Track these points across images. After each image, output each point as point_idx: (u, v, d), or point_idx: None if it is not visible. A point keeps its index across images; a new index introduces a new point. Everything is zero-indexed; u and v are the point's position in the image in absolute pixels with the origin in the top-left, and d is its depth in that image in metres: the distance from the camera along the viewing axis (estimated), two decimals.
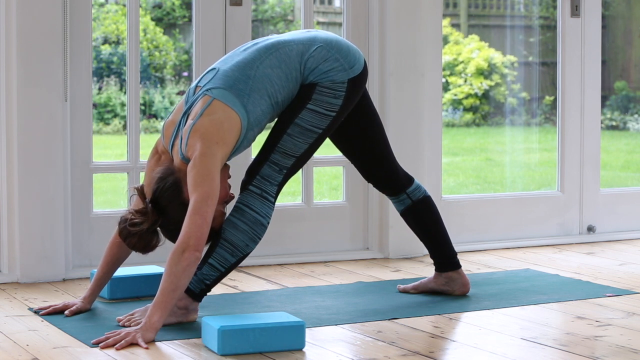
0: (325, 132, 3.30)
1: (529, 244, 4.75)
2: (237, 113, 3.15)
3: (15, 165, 3.84)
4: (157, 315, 3.00)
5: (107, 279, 3.40)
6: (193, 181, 3.06)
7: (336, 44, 3.33)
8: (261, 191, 3.21)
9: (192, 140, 3.12)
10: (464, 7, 10.02)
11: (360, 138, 3.51)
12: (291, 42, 3.29)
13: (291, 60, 3.26)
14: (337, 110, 3.29)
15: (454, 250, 3.67)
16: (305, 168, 4.41)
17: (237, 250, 3.16)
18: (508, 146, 9.48)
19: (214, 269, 3.16)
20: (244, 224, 3.16)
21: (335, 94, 3.28)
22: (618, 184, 7.65)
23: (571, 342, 3.00)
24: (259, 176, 3.22)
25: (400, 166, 3.63)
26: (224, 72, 3.23)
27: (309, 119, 3.25)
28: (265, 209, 3.20)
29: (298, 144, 3.25)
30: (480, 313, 3.40)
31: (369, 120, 3.51)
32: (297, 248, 4.38)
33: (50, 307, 3.33)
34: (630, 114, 9.50)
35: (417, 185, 3.63)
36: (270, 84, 3.22)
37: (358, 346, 2.97)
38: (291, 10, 10.53)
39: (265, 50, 3.26)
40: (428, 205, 3.63)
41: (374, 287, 3.81)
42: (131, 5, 4.09)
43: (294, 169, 3.29)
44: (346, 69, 3.30)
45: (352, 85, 3.31)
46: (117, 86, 10.04)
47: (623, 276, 4.03)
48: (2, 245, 3.91)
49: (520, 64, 9.75)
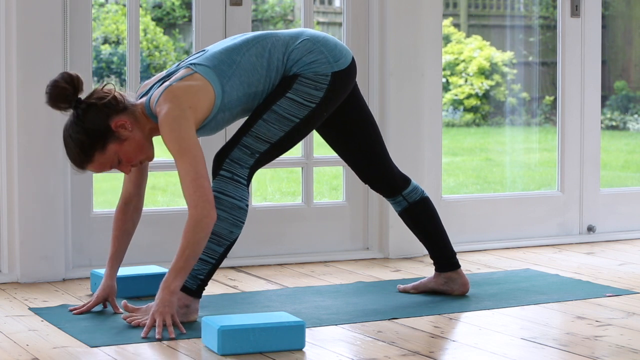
0: (303, 123, 3.27)
1: (529, 244, 4.75)
2: (213, 88, 3.16)
3: (15, 165, 3.85)
4: (177, 281, 3.05)
5: (121, 255, 3.40)
6: (175, 147, 3.06)
7: (323, 38, 3.34)
8: (232, 174, 3.20)
9: (165, 98, 3.12)
10: (464, 7, 10.02)
11: (352, 139, 3.51)
12: (279, 34, 3.33)
13: (276, 49, 3.27)
14: (317, 102, 3.27)
15: (453, 250, 3.67)
16: (305, 168, 4.41)
17: (223, 239, 3.17)
18: (508, 146, 9.49)
19: (205, 263, 3.17)
20: (222, 212, 3.16)
21: (317, 86, 3.27)
22: (618, 184, 7.66)
23: (571, 342, 3.00)
24: (229, 159, 3.20)
25: (397, 168, 3.62)
26: (211, 53, 3.26)
27: (286, 106, 3.24)
28: (239, 192, 3.19)
29: (272, 129, 3.24)
30: (480, 313, 3.40)
31: (361, 120, 3.50)
32: (297, 248, 4.38)
33: (84, 307, 3.35)
34: (630, 114, 9.51)
35: (414, 187, 3.62)
36: (253, 72, 3.24)
37: (358, 346, 2.97)
38: (291, 10, 10.54)
39: (253, 39, 3.29)
40: (425, 207, 3.63)
41: (374, 287, 3.81)
42: (131, 5, 4.09)
43: (268, 155, 3.26)
44: (330, 62, 3.29)
45: (336, 80, 3.30)
46: (117, 86, 10.04)
47: (623, 276, 4.03)
48: (2, 245, 3.91)
49: (520, 64, 9.75)
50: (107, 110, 3.13)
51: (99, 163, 3.14)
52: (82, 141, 3.11)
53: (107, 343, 2.96)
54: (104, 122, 3.12)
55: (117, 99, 3.17)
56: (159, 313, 3.04)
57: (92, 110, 3.12)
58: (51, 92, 3.11)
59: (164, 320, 3.03)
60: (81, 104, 3.13)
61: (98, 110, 3.12)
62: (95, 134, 3.11)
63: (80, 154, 3.12)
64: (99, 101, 3.13)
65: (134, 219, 3.39)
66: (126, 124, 3.14)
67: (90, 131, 3.11)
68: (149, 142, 3.22)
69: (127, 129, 3.14)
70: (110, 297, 3.35)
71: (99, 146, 3.12)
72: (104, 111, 3.12)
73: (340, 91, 3.35)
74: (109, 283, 3.36)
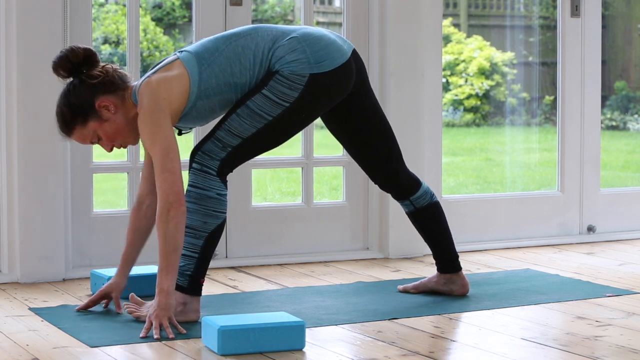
0: (277, 122, 3.22)
1: (529, 244, 4.75)
2: (189, 76, 3.19)
3: (15, 165, 3.85)
4: (168, 281, 3.06)
5: (134, 253, 3.42)
6: (148, 139, 3.14)
7: (313, 37, 3.27)
8: (201, 166, 3.20)
9: (143, 90, 3.19)
10: (464, 7, 10.02)
11: (357, 139, 3.50)
12: (272, 29, 3.31)
13: (264, 43, 3.25)
14: (291, 102, 3.21)
15: (456, 253, 3.66)
16: (305, 168, 4.41)
17: (198, 231, 3.16)
18: (508, 146, 9.49)
19: (189, 258, 3.17)
20: (191, 204, 3.16)
21: (291, 85, 3.22)
22: (618, 184, 7.65)
23: (571, 342, 3.00)
24: (201, 151, 3.21)
25: (407, 171, 3.59)
26: (204, 40, 3.29)
27: (259, 103, 3.22)
28: (207, 182, 3.18)
29: (244, 124, 3.21)
30: (480, 313, 3.40)
31: (367, 122, 3.48)
32: (297, 248, 4.38)
33: (89, 301, 3.39)
34: (630, 114, 9.51)
35: (423, 192, 3.59)
36: (236, 62, 3.23)
37: (358, 346, 2.97)
38: (291, 10, 10.54)
39: (245, 30, 3.29)
40: (433, 213, 3.61)
41: (374, 287, 3.81)
42: (131, 5, 4.09)
43: (242, 150, 3.23)
44: (310, 63, 3.23)
45: (314, 82, 3.23)
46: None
47: (623, 276, 4.03)
48: (2, 245, 3.91)
49: (520, 64, 9.75)
50: (95, 90, 3.21)
51: (78, 135, 3.25)
52: (64, 113, 3.23)
53: (107, 343, 2.96)
54: (88, 99, 3.21)
55: (110, 80, 3.23)
56: (155, 316, 3.05)
57: (81, 87, 3.22)
58: (56, 59, 3.22)
59: (160, 323, 3.04)
60: (76, 77, 3.22)
61: (86, 88, 3.21)
62: (77, 109, 3.21)
63: (62, 124, 3.25)
64: (89, 79, 3.21)
65: (147, 217, 3.39)
66: (109, 106, 3.21)
67: (74, 106, 3.21)
68: (130, 127, 3.25)
69: (110, 110, 3.22)
70: (113, 294, 3.36)
71: (79, 120, 3.22)
72: (91, 90, 3.21)
73: (321, 94, 3.28)
74: (115, 280, 3.38)
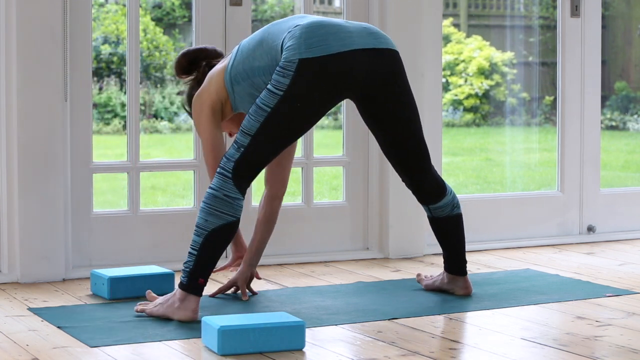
0: (275, 112, 3.19)
1: (529, 244, 4.75)
2: (226, 64, 3.38)
3: (15, 165, 3.84)
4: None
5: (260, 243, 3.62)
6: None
7: (317, 25, 3.23)
8: (221, 169, 3.24)
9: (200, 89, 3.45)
10: (464, 7, 10.02)
11: (386, 143, 3.46)
12: (294, 17, 3.34)
13: (281, 32, 3.27)
14: (284, 89, 3.17)
15: (465, 259, 3.66)
16: (305, 168, 4.41)
17: (200, 228, 3.19)
18: (508, 146, 9.48)
19: (190, 255, 3.21)
20: (202, 203, 3.23)
21: (284, 73, 3.18)
22: (618, 184, 7.65)
23: (571, 342, 3.00)
24: (225, 156, 3.27)
25: (432, 183, 3.53)
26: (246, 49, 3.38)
27: (262, 96, 3.22)
28: (219, 183, 3.22)
29: (251, 121, 3.22)
30: (480, 313, 3.40)
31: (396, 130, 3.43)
32: (297, 248, 4.38)
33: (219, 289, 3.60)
34: (630, 114, 9.50)
35: (444, 204, 3.57)
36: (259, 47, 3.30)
37: (358, 346, 2.98)
38: (291, 10, 10.54)
39: (283, 19, 3.38)
40: (450, 226, 3.60)
41: (374, 287, 3.81)
42: (131, 5, 4.09)
43: (252, 150, 3.21)
44: (300, 48, 3.17)
45: (303, 67, 3.16)
46: (117, 86, 10.04)
47: (623, 276, 4.03)
48: (2, 245, 3.91)
49: (520, 64, 9.75)
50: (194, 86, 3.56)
51: None
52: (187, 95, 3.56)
53: (107, 343, 2.97)
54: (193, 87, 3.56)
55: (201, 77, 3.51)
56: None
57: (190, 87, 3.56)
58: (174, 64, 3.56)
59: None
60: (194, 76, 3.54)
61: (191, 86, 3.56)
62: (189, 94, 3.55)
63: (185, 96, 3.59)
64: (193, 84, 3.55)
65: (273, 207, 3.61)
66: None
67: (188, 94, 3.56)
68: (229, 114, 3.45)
69: None
70: (239, 283, 3.56)
71: None
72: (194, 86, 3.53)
73: (311, 80, 3.19)
74: (242, 269, 3.59)
